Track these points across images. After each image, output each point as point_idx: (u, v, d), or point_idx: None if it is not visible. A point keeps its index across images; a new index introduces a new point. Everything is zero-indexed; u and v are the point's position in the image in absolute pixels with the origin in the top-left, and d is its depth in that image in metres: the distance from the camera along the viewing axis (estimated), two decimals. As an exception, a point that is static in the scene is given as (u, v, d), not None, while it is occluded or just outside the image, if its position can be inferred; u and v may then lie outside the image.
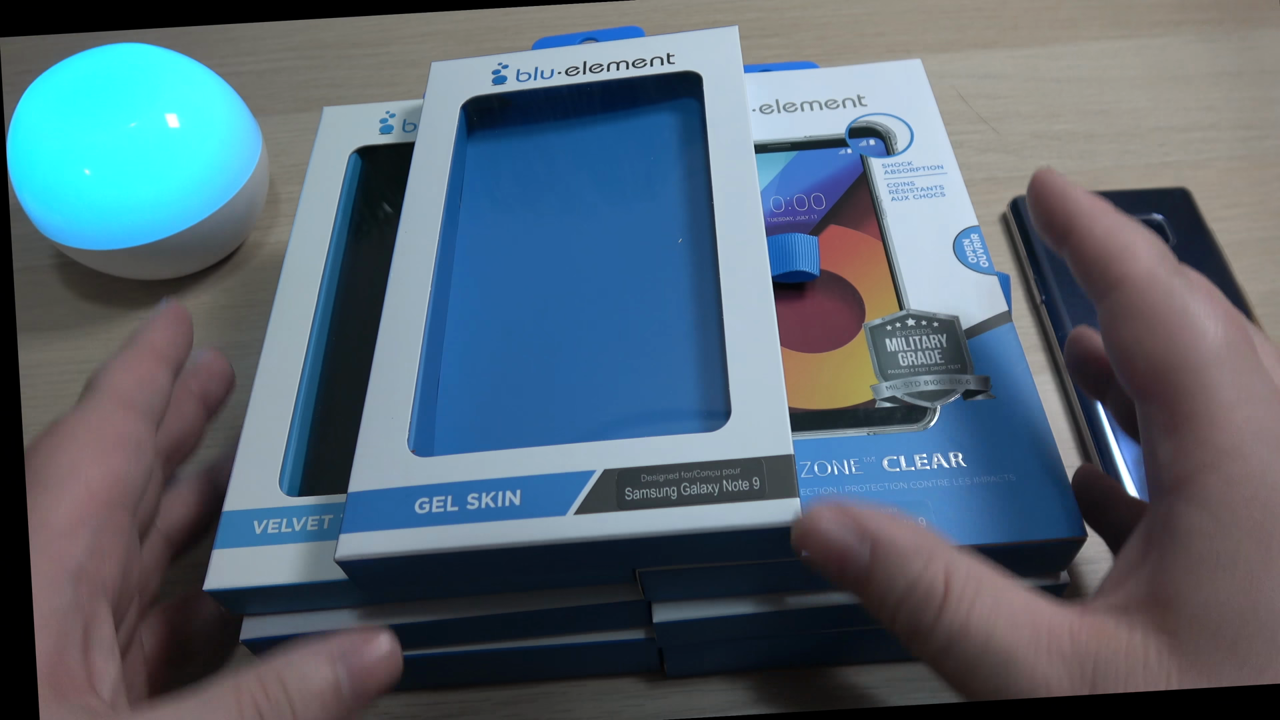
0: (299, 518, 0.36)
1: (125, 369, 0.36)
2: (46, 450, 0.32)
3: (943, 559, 0.28)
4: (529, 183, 0.44)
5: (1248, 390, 0.28)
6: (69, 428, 0.33)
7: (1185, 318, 0.29)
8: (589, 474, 0.32)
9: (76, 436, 0.33)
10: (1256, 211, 0.57)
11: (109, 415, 0.34)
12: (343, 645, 0.30)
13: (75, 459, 0.32)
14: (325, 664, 0.30)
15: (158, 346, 0.37)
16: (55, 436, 0.33)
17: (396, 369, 0.36)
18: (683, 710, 0.41)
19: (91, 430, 0.33)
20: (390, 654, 0.31)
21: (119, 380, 0.35)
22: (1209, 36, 0.67)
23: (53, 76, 0.52)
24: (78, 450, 0.32)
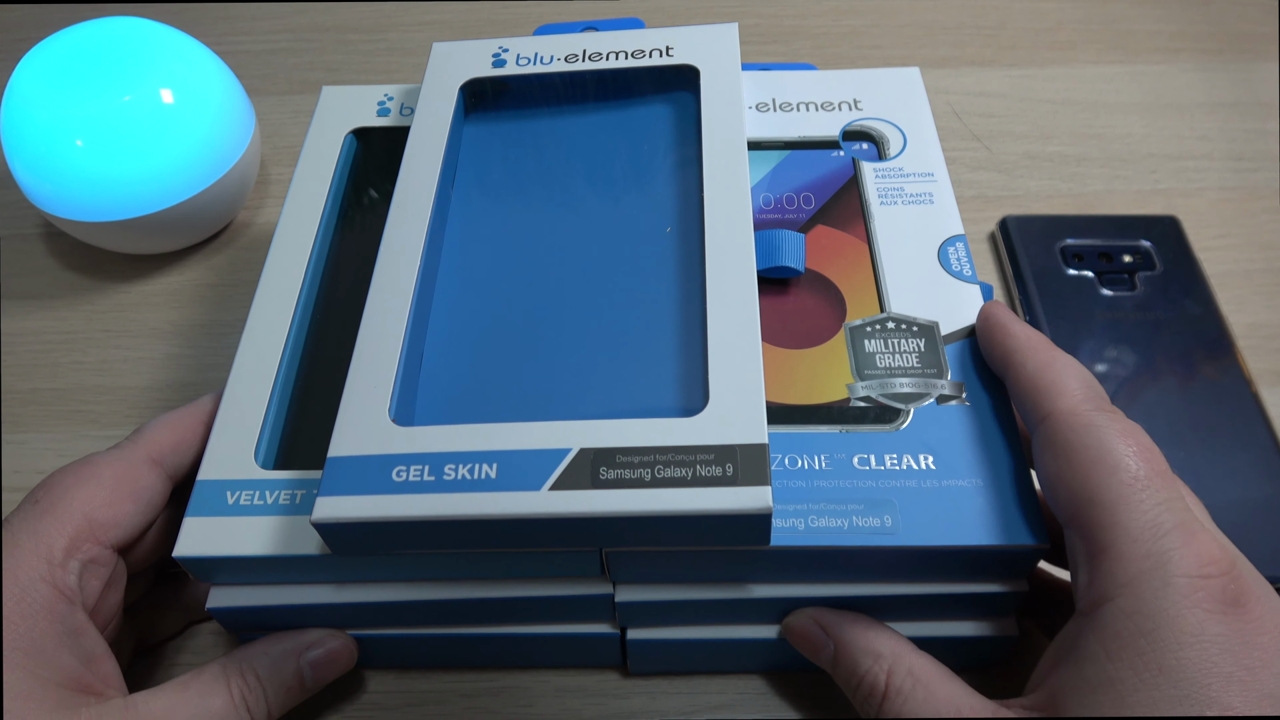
0: (271, 491, 0.36)
1: (171, 428, 0.39)
2: (68, 484, 0.36)
3: (887, 660, 0.35)
4: (523, 166, 0.44)
5: (1153, 526, 0.30)
6: (95, 468, 0.36)
7: (1102, 454, 0.32)
8: (565, 451, 0.32)
9: (100, 478, 0.36)
10: (1245, 243, 0.57)
11: (135, 467, 0.37)
12: (307, 641, 0.38)
13: (90, 498, 0.35)
14: (292, 659, 0.37)
15: (211, 417, 0.39)
16: (83, 472, 0.36)
17: (381, 340, 0.36)
18: (644, 711, 0.41)
19: (115, 476, 0.36)
20: (344, 649, 0.39)
21: (160, 436, 0.38)
22: (1206, 67, 0.67)
23: (49, 46, 0.52)
24: (95, 490, 0.36)
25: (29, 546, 0.34)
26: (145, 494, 0.37)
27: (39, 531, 0.34)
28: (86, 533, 0.35)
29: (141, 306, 0.56)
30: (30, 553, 0.34)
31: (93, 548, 0.35)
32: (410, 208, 0.41)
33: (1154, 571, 0.30)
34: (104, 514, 0.35)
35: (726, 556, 0.35)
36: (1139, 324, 0.51)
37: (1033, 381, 0.35)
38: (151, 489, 0.37)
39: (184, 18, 0.74)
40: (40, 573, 0.33)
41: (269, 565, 0.35)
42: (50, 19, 0.74)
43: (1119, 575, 0.30)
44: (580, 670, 0.42)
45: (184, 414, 0.39)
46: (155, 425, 0.39)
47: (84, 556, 0.34)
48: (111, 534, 0.35)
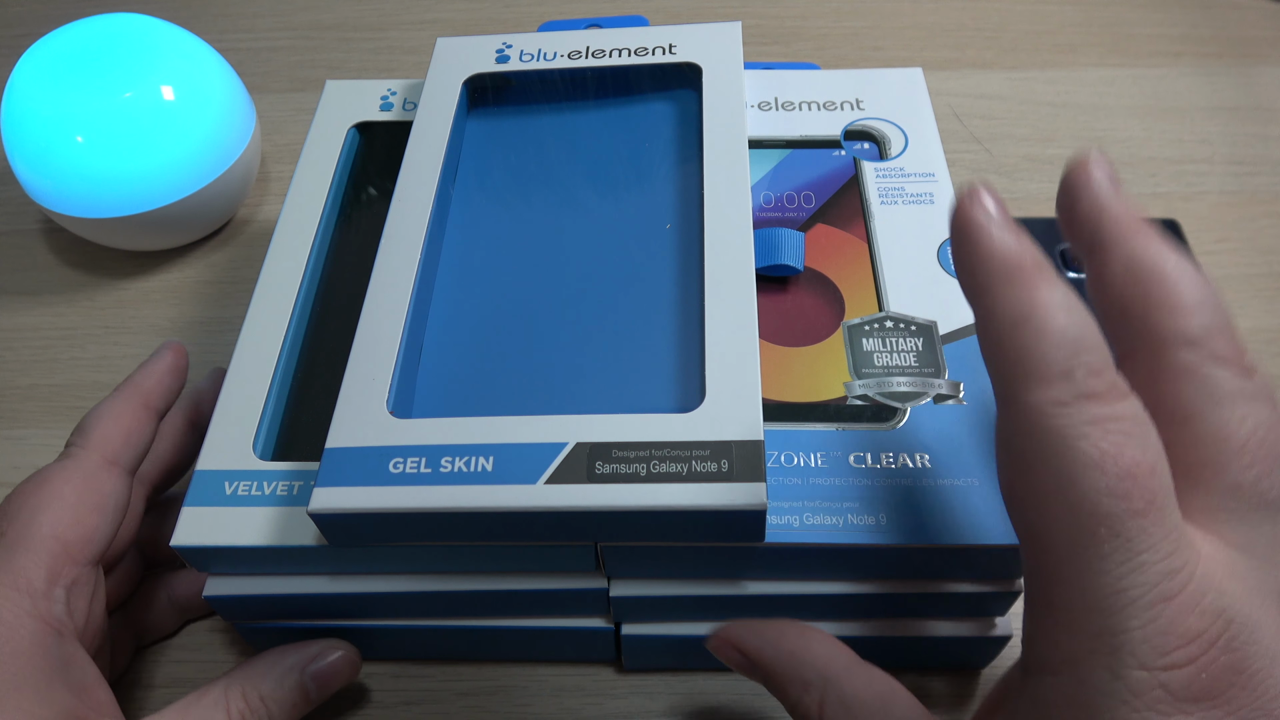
0: (269, 482, 0.36)
1: (115, 420, 0.38)
2: (31, 508, 0.35)
3: (817, 690, 0.31)
4: (525, 162, 0.44)
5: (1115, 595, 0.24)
6: (54, 487, 0.35)
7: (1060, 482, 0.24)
8: (561, 445, 0.33)
9: (61, 497, 0.35)
10: (1245, 247, 0.57)
11: (92, 477, 0.36)
12: (309, 657, 0.38)
13: (57, 520, 0.35)
14: (295, 674, 0.37)
15: (151, 397, 0.39)
16: (41, 494, 0.35)
17: (381, 332, 0.36)
18: (642, 711, 0.41)
19: (75, 492, 0.35)
20: (346, 659, 0.38)
21: (108, 433, 0.37)
22: (1208, 70, 0.67)
23: (50, 42, 0.52)
24: (60, 511, 0.35)
25: (8, 583, 0.33)
26: (110, 501, 0.36)
27: (15, 567, 0.33)
28: (63, 557, 0.34)
29: (141, 303, 0.56)
30: (11, 588, 0.33)
31: (72, 570, 0.34)
32: (412, 202, 0.41)
33: (1103, 656, 0.24)
34: (74, 533, 0.35)
35: (721, 552, 0.35)
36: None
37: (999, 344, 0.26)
38: (115, 493, 0.36)
39: (185, 14, 0.74)
40: (25, 608, 0.33)
41: (266, 556, 0.35)
42: (51, 15, 0.74)
43: (1063, 647, 0.25)
44: (577, 670, 0.42)
45: (121, 402, 0.38)
46: (98, 422, 0.38)
47: (66, 582, 0.34)
48: (87, 551, 0.35)
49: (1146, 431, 0.25)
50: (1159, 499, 0.24)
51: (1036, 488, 0.25)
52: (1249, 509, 0.26)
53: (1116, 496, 0.23)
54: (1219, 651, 0.24)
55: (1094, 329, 0.25)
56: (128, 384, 0.39)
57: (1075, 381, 0.24)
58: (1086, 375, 0.24)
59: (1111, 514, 0.23)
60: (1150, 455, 0.24)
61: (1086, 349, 0.25)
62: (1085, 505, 0.24)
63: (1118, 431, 0.24)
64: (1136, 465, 0.24)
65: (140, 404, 0.38)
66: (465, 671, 0.42)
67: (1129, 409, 0.25)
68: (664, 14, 0.73)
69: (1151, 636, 0.23)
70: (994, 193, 0.27)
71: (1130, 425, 0.24)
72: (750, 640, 0.33)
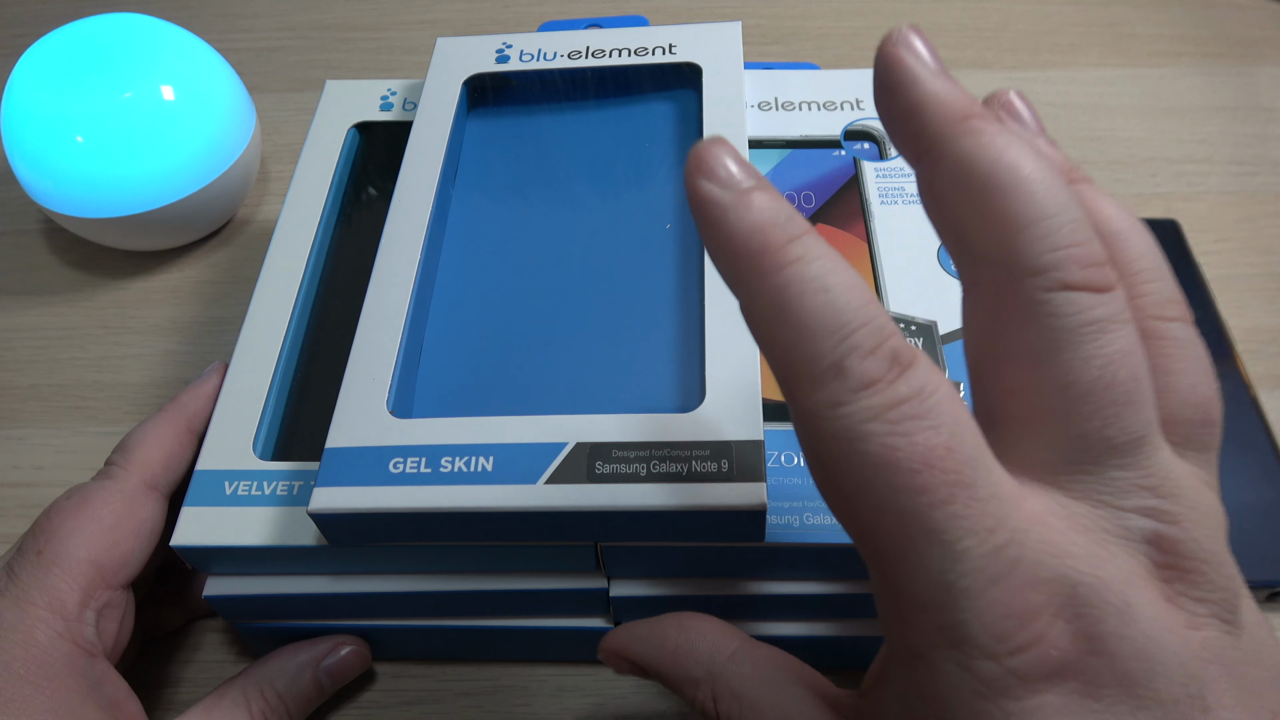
0: (269, 482, 0.36)
1: (158, 442, 0.38)
2: (69, 529, 0.35)
3: (707, 685, 0.29)
4: (525, 162, 0.44)
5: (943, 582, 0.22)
6: (93, 508, 0.35)
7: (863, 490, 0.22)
8: (561, 445, 0.33)
9: (99, 519, 0.35)
10: (1245, 247, 0.57)
11: (132, 500, 0.36)
12: (322, 653, 0.38)
13: (94, 543, 0.35)
14: (309, 671, 0.38)
15: (194, 420, 0.39)
16: (82, 514, 0.35)
17: (381, 332, 0.37)
18: (643, 711, 0.41)
19: (114, 514, 0.35)
20: (357, 654, 0.39)
21: (150, 455, 0.37)
22: (1208, 70, 0.67)
23: (49, 42, 0.52)
24: (97, 534, 0.35)
25: (42, 603, 0.33)
26: (147, 525, 0.36)
27: (48, 586, 0.33)
28: (97, 580, 0.34)
29: (141, 303, 0.56)
30: (44, 608, 0.33)
31: (105, 593, 0.34)
32: (412, 202, 0.41)
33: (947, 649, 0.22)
34: (110, 557, 0.35)
35: (721, 553, 0.35)
36: (1140, 327, 0.51)
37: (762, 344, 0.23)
38: (152, 518, 0.36)
39: (185, 14, 0.74)
40: (58, 630, 0.33)
41: (266, 556, 0.35)
42: (51, 15, 0.74)
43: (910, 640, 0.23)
44: (577, 669, 0.42)
45: (166, 424, 0.38)
46: (142, 443, 0.38)
47: (98, 604, 0.34)
48: (121, 575, 0.35)
49: (938, 404, 0.22)
50: (965, 476, 0.21)
51: (838, 492, 0.23)
52: (1093, 458, 0.23)
53: (915, 492, 0.21)
54: (1065, 622, 0.22)
55: (859, 293, 0.22)
56: (173, 405, 0.39)
57: (847, 374, 0.22)
58: (859, 361, 0.22)
59: (914, 511, 0.21)
60: (944, 434, 0.22)
61: (853, 327, 0.22)
62: (888, 509, 0.22)
63: (902, 418, 0.21)
64: (929, 452, 0.21)
65: (184, 427, 0.38)
66: (465, 671, 0.42)
67: (912, 385, 0.22)
68: (664, 14, 0.73)
69: (989, 624, 0.21)
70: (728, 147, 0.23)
71: (916, 405, 0.22)
72: (633, 646, 0.31)
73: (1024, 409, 0.24)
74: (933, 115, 0.24)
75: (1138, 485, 0.23)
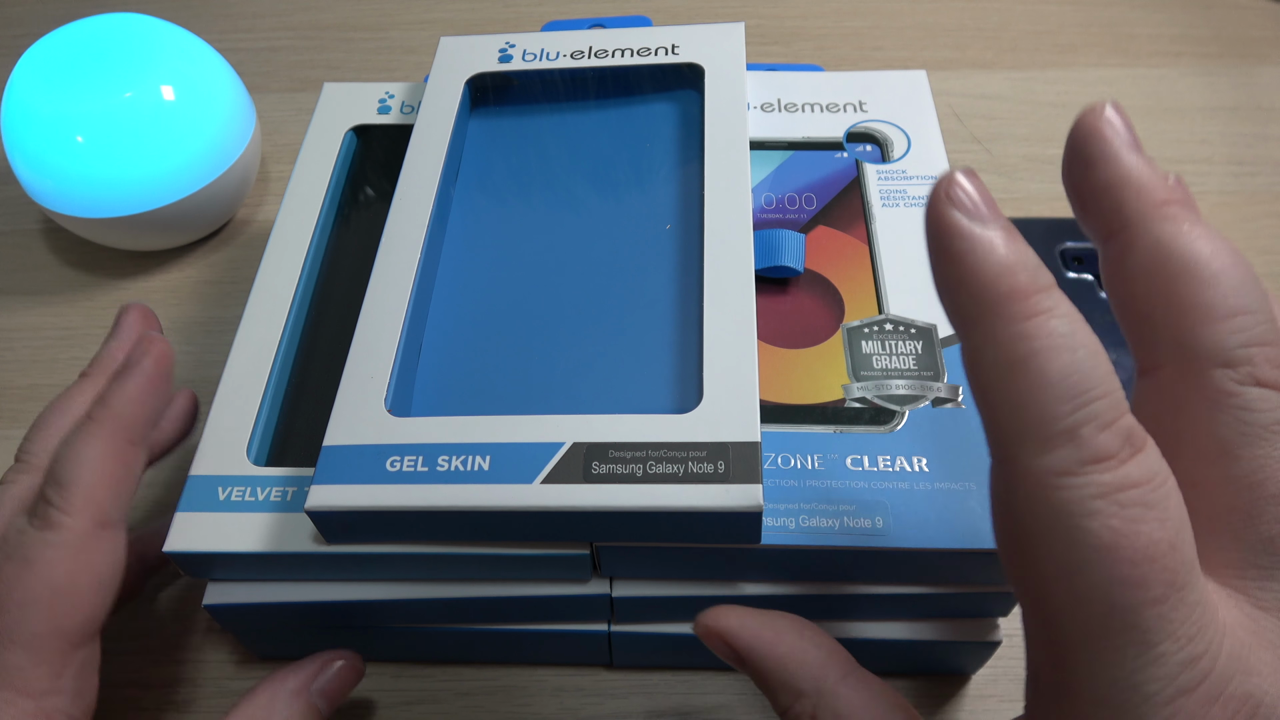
0: (263, 488, 0.36)
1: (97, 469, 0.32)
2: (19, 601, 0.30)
3: (810, 700, 0.28)
4: (526, 162, 0.44)
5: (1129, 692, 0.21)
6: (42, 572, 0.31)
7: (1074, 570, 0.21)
8: (558, 445, 0.33)
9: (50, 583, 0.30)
10: (1244, 248, 0.57)
11: (84, 549, 0.31)
12: (311, 675, 0.36)
13: (52, 614, 0.31)
14: (301, 698, 0.35)
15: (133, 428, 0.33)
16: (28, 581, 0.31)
17: (380, 331, 0.37)
18: (642, 711, 0.41)
19: (66, 573, 0.31)
20: (350, 668, 0.37)
21: (93, 489, 0.31)
22: (1207, 70, 0.67)
23: (50, 42, 0.52)
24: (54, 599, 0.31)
25: (7, 684, 0.30)
26: (107, 571, 0.32)
27: (12, 667, 0.30)
28: (63, 648, 0.31)
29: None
30: (11, 691, 0.30)
31: (76, 655, 0.31)
32: (413, 201, 0.41)
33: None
34: (73, 621, 0.31)
35: (717, 554, 0.35)
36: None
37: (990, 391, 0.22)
38: (111, 562, 0.32)
39: (185, 14, 0.74)
40: (27, 711, 0.30)
41: (260, 562, 0.35)
42: (51, 15, 0.74)
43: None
44: (577, 669, 0.42)
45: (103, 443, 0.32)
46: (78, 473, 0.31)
47: (72, 671, 0.31)
48: (88, 631, 0.32)
49: (1166, 495, 0.21)
50: (1179, 578, 0.21)
51: (1040, 569, 0.22)
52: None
53: (1132, 586, 0.20)
54: None
55: (1102, 362, 0.21)
56: (106, 414, 0.32)
57: (1081, 443, 0.21)
58: (1095, 432, 0.21)
59: (1126, 606, 0.20)
60: (1170, 529, 0.21)
61: (1094, 395, 0.21)
62: (1096, 596, 0.21)
63: (1132, 504, 0.21)
64: (1154, 545, 0.20)
65: (124, 441, 0.32)
66: (465, 671, 0.42)
67: (1144, 469, 0.21)
68: (665, 14, 0.73)
69: None
70: (977, 181, 0.22)
71: (1147, 492, 0.21)
72: (741, 636, 0.30)
73: (1209, 504, 0.23)
74: (1131, 196, 0.23)
75: None
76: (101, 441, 0.32)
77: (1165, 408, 0.24)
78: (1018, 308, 0.21)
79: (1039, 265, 0.22)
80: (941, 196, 0.22)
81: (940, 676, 0.41)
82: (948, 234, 0.22)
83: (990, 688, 0.41)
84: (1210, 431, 0.23)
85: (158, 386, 0.33)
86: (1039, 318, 0.21)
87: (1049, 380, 0.21)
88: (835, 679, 0.29)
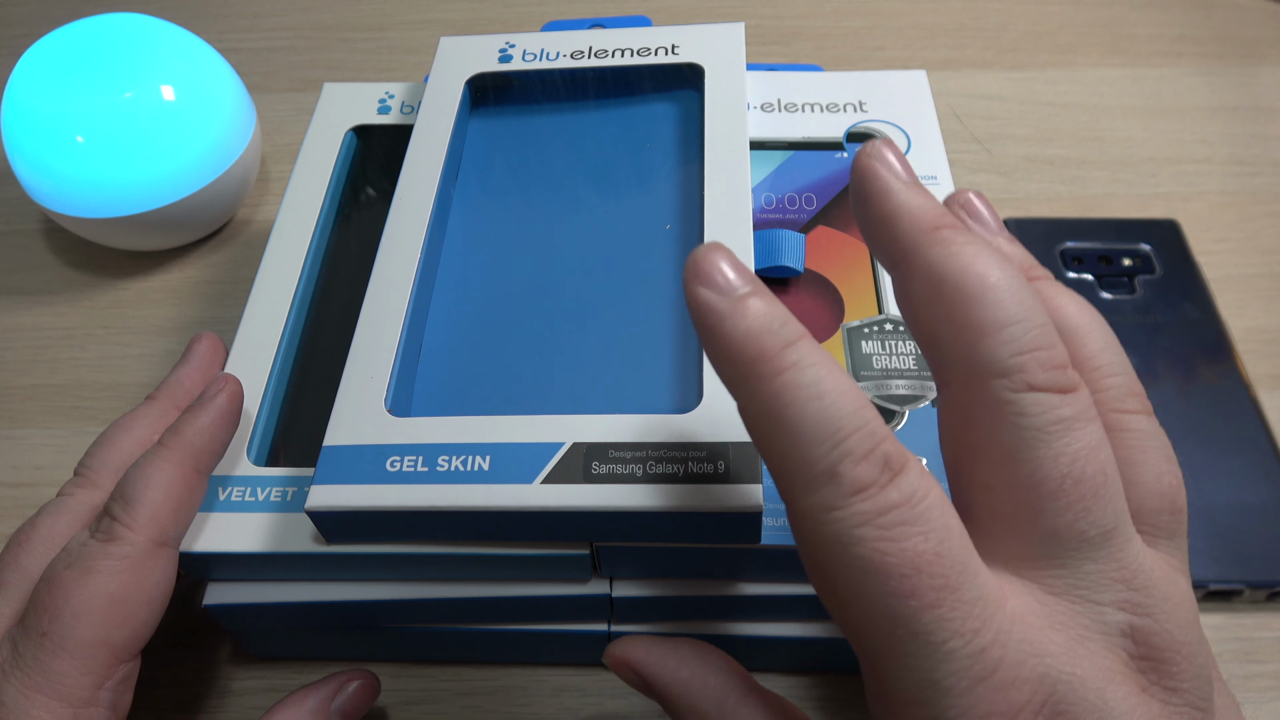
0: (264, 488, 0.36)
1: (166, 491, 0.33)
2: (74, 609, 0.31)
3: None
4: (526, 162, 0.44)
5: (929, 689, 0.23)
6: (99, 582, 0.31)
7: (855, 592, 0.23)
8: (558, 445, 0.33)
9: (108, 594, 0.31)
10: (1245, 247, 0.57)
11: (141, 565, 0.32)
12: (330, 694, 0.36)
13: (104, 621, 0.31)
14: (322, 716, 0.36)
15: (203, 459, 0.35)
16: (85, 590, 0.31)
17: (380, 331, 0.37)
18: (642, 711, 0.41)
19: (123, 585, 0.32)
20: (366, 685, 0.38)
21: (158, 509, 0.33)
22: (1207, 70, 0.67)
23: (50, 42, 0.52)
24: (107, 611, 0.31)
25: (50, 691, 0.30)
26: (159, 589, 0.33)
27: (54, 671, 0.31)
28: (109, 660, 0.31)
29: (141, 303, 0.56)
30: (50, 695, 0.30)
31: (119, 669, 0.32)
32: (413, 201, 0.41)
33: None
34: (121, 634, 0.32)
35: (717, 554, 0.35)
36: (1139, 327, 0.51)
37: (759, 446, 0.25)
38: (164, 580, 0.33)
39: (185, 14, 0.74)
40: (65, 717, 0.30)
41: (260, 562, 0.35)
42: (51, 15, 0.74)
43: None
44: (577, 669, 0.42)
45: (173, 467, 0.34)
46: (146, 491, 0.33)
47: (113, 683, 0.32)
48: (134, 647, 0.32)
49: (928, 509, 0.23)
50: (952, 580, 0.22)
51: (835, 594, 0.24)
52: (1067, 552, 0.24)
53: (904, 596, 0.22)
54: (1045, 718, 0.23)
55: (851, 399, 0.23)
56: (178, 441, 0.34)
57: (840, 479, 0.23)
58: (851, 467, 0.23)
59: (905, 615, 0.22)
60: (934, 539, 0.23)
61: (846, 433, 0.23)
62: (878, 611, 0.23)
63: (894, 524, 0.23)
64: (919, 557, 0.22)
65: (192, 468, 0.34)
66: (465, 671, 0.42)
67: (903, 490, 0.23)
68: (665, 14, 0.73)
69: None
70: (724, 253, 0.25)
71: (906, 511, 0.23)
72: (647, 663, 0.31)
73: (999, 504, 0.25)
74: (905, 225, 0.26)
75: (1112, 579, 0.24)
76: (171, 466, 0.34)
77: (959, 420, 0.26)
78: (765, 368, 0.23)
79: (786, 320, 0.24)
80: (691, 275, 0.24)
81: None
82: (700, 312, 0.24)
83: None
84: (994, 439, 0.25)
85: (229, 422, 0.36)
86: (785, 374, 0.23)
87: (803, 430, 0.23)
88: (736, 700, 0.30)
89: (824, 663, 0.41)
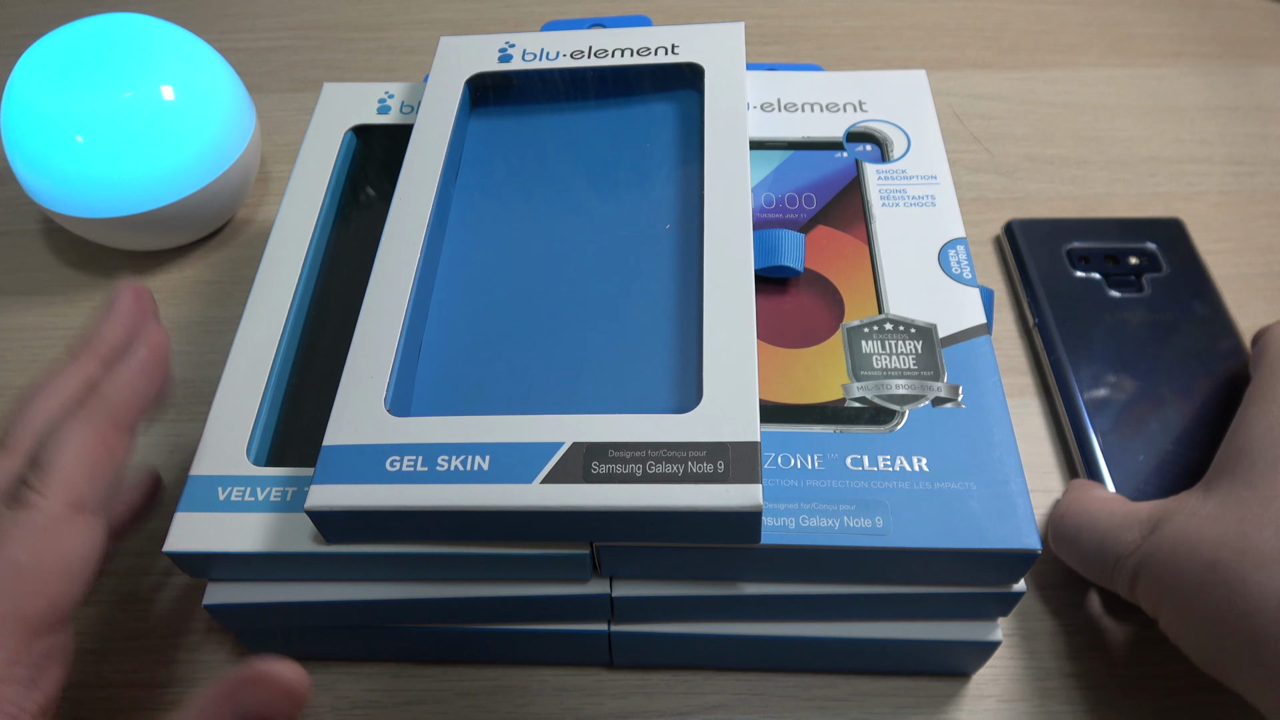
0: (263, 488, 0.36)
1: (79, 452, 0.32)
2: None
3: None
4: (526, 162, 0.44)
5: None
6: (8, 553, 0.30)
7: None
8: (558, 445, 0.33)
9: (17, 565, 0.30)
10: (1244, 247, 0.57)
11: (54, 532, 0.31)
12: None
13: (14, 595, 0.30)
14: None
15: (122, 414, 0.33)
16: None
17: (380, 331, 0.37)
18: (641, 711, 0.41)
19: (32, 555, 0.30)
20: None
21: (71, 471, 0.31)
22: (1207, 70, 0.67)
23: (49, 42, 0.52)
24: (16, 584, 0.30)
25: None
26: (76, 557, 0.31)
27: None
28: (25, 636, 0.30)
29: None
30: None
31: (37, 644, 0.30)
32: (413, 200, 0.41)
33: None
34: (36, 606, 0.30)
35: (717, 553, 0.35)
36: (1150, 325, 0.51)
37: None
38: (82, 547, 0.31)
39: (185, 14, 0.74)
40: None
41: (260, 562, 0.35)
42: (51, 15, 0.74)
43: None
44: (577, 669, 0.42)
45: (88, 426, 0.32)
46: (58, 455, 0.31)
47: (31, 660, 0.30)
48: (52, 619, 0.31)
49: None
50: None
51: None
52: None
53: None
54: None
55: None
56: (96, 400, 0.33)
57: None
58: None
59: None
60: None
61: None
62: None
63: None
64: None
65: (109, 425, 0.32)
66: (465, 671, 0.42)
67: None
68: (665, 14, 0.73)
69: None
70: None
71: None
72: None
73: None
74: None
75: None
76: (87, 426, 0.32)
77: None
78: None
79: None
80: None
81: (940, 676, 0.41)
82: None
83: (990, 688, 0.41)
84: None
85: (151, 374, 0.34)
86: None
87: None
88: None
89: (825, 663, 0.41)
